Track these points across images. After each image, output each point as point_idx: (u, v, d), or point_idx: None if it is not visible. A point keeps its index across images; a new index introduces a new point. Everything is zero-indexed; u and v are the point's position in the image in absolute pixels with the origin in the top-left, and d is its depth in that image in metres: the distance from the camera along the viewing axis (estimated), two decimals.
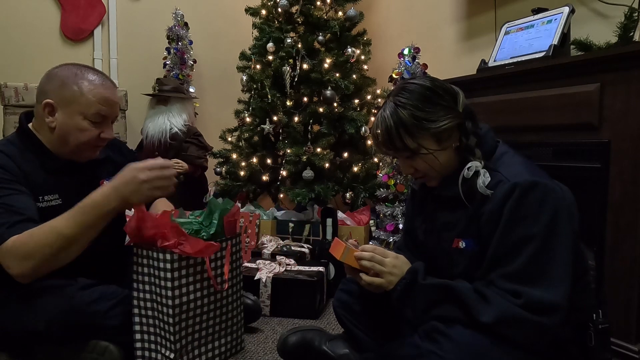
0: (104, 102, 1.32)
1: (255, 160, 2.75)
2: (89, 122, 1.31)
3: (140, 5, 3.40)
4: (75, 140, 1.31)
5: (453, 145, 1.10)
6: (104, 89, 1.32)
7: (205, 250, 1.28)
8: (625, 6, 1.59)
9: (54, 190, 1.31)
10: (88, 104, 1.29)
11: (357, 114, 2.69)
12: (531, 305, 0.94)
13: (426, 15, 2.92)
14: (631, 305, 1.38)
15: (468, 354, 0.95)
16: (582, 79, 1.54)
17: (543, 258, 0.96)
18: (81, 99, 1.29)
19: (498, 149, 1.12)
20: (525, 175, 1.01)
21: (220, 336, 1.42)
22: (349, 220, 2.61)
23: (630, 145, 1.39)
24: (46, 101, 1.29)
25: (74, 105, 1.29)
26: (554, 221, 0.97)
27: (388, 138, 1.09)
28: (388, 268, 1.11)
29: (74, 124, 1.30)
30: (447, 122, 1.07)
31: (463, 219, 1.10)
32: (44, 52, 3.12)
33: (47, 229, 1.14)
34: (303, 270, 1.95)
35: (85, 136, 1.31)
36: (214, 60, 3.57)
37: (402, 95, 1.09)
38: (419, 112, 1.06)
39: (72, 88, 1.29)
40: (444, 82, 1.12)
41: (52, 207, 1.28)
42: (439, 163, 1.10)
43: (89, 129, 1.31)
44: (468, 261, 1.08)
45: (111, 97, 1.34)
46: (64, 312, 1.23)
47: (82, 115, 1.30)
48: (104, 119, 1.33)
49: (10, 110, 2.67)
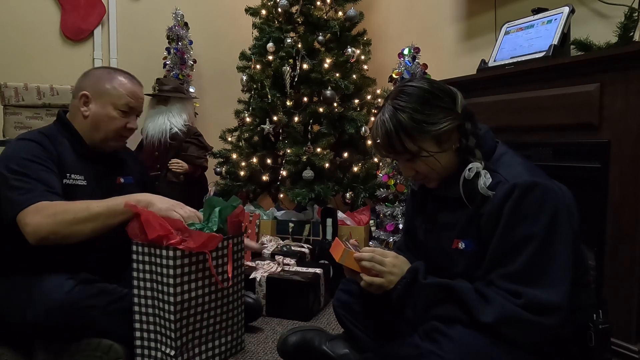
0: (133, 96, 1.52)
1: (255, 160, 2.75)
2: (119, 112, 1.50)
3: (140, 5, 3.40)
4: (105, 128, 1.49)
5: (453, 146, 1.10)
6: (132, 85, 1.53)
7: (209, 243, 1.29)
8: (625, 6, 1.59)
9: (81, 172, 1.47)
10: (119, 96, 1.49)
11: (357, 114, 2.69)
12: (531, 306, 0.94)
13: (426, 15, 2.92)
14: (631, 305, 1.38)
15: (468, 354, 0.95)
16: (582, 79, 1.54)
17: (543, 258, 0.96)
18: (113, 92, 1.49)
19: (497, 150, 1.12)
20: (524, 175, 1.01)
21: (221, 335, 1.42)
22: (349, 220, 2.61)
23: (630, 145, 1.39)
24: (83, 92, 1.48)
25: (107, 97, 1.48)
26: (553, 221, 0.97)
27: (388, 142, 1.09)
28: (388, 268, 1.11)
29: (106, 113, 1.48)
30: (447, 123, 1.06)
31: (463, 220, 1.10)
32: (44, 52, 3.12)
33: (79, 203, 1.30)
34: (300, 271, 1.95)
35: (114, 124, 1.49)
36: (214, 60, 3.57)
37: (400, 99, 1.08)
38: (418, 115, 1.06)
39: (106, 82, 1.49)
40: (441, 84, 1.12)
41: (77, 185, 1.44)
42: (440, 165, 1.09)
43: (118, 118, 1.50)
44: (468, 261, 1.08)
45: (138, 92, 1.55)
46: (63, 303, 1.24)
47: (113, 105, 1.49)
48: (131, 110, 1.53)
49: (10, 110, 2.67)
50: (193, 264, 1.29)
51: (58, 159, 1.41)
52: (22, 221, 1.26)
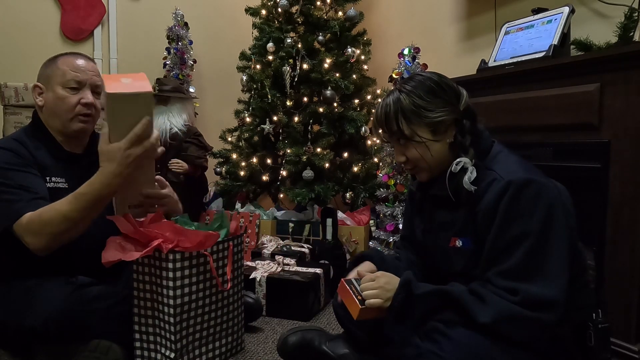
0: (77, 69, 1.44)
1: (255, 160, 2.75)
2: (68, 89, 1.42)
3: (140, 5, 3.40)
4: (60, 110, 1.42)
5: (447, 140, 1.12)
6: (74, 58, 1.46)
7: (205, 242, 1.28)
8: (625, 6, 1.59)
9: (61, 174, 1.43)
10: (63, 74, 1.42)
11: (357, 114, 2.69)
12: (528, 302, 0.94)
13: (426, 15, 2.92)
14: (631, 305, 1.38)
15: (468, 354, 0.95)
16: (582, 79, 1.54)
17: (539, 254, 0.97)
18: (57, 72, 1.43)
19: (493, 148, 1.13)
20: (519, 173, 1.02)
21: (221, 336, 1.41)
22: (349, 220, 2.61)
23: (630, 145, 1.39)
24: (34, 84, 1.45)
25: (53, 79, 1.43)
26: (549, 218, 0.98)
27: (385, 120, 1.15)
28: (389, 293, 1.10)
29: (56, 95, 1.42)
30: (443, 114, 1.10)
31: (460, 218, 1.10)
32: (44, 52, 3.08)
33: (53, 212, 1.24)
34: (300, 271, 1.95)
35: (67, 103, 1.42)
36: (214, 60, 3.57)
37: (408, 84, 1.14)
38: (419, 101, 1.10)
39: (51, 66, 1.45)
40: (451, 81, 1.16)
41: (59, 189, 1.39)
42: (430, 155, 1.12)
43: (69, 96, 1.42)
44: (466, 260, 1.09)
45: (83, 65, 1.46)
46: (62, 310, 1.23)
47: (61, 85, 1.42)
48: (80, 84, 1.44)
49: (10, 110, 2.66)
50: (193, 267, 1.29)
51: (36, 164, 1.38)
52: (20, 236, 1.25)
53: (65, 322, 1.24)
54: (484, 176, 1.06)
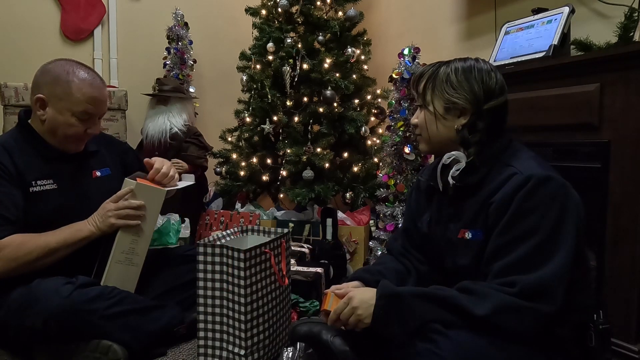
0: (92, 102, 1.40)
1: (255, 160, 2.75)
2: (77, 119, 1.40)
3: (140, 5, 3.40)
4: (63, 133, 1.41)
5: (455, 126, 1.13)
6: (92, 89, 1.40)
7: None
8: (625, 6, 1.59)
9: (49, 176, 1.42)
10: (77, 103, 1.38)
11: (357, 114, 2.69)
12: (526, 292, 0.94)
13: (426, 15, 2.92)
14: (631, 305, 1.38)
15: (466, 352, 0.95)
16: (582, 79, 1.54)
17: (544, 252, 0.97)
18: (71, 98, 1.37)
19: (512, 146, 1.13)
20: (539, 169, 1.02)
21: (280, 332, 1.44)
22: (349, 220, 2.60)
23: (630, 145, 1.39)
24: (38, 96, 1.38)
25: (64, 103, 1.38)
26: (561, 217, 0.98)
27: (419, 78, 1.20)
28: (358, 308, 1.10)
29: (63, 120, 1.39)
30: (460, 98, 1.11)
31: (471, 210, 1.10)
32: (44, 52, 3.11)
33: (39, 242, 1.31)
34: (301, 270, 1.95)
35: (72, 131, 1.41)
36: (214, 60, 3.57)
37: (459, 62, 1.15)
38: (452, 77, 1.13)
39: (63, 86, 1.38)
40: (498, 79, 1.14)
41: (46, 191, 1.40)
42: (435, 129, 1.15)
43: (76, 125, 1.40)
44: (474, 252, 1.08)
45: (99, 97, 1.42)
46: (61, 310, 1.24)
47: (71, 112, 1.38)
48: (91, 116, 1.42)
49: (10, 110, 2.67)
50: (259, 264, 1.32)
51: (16, 170, 1.36)
52: None
53: (65, 322, 1.24)
54: (502, 171, 1.06)
